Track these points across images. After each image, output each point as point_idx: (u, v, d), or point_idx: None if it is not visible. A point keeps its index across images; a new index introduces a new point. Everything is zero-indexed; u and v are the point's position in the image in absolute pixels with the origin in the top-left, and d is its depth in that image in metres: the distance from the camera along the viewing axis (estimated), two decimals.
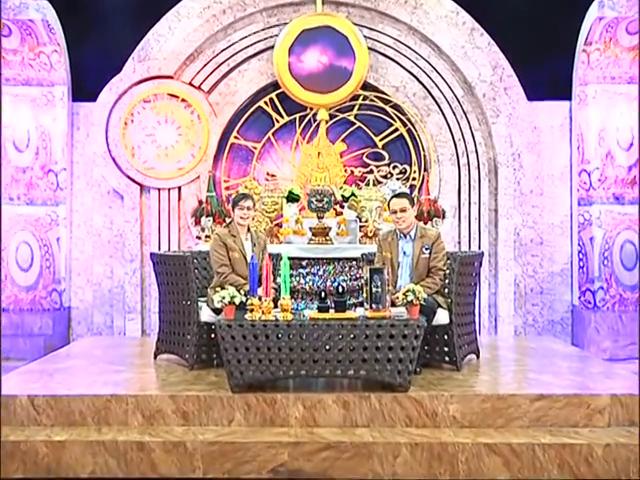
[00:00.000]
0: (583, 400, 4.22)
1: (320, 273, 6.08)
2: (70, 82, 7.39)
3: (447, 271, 5.07)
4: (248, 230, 5.23)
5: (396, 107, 7.43)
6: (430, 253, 4.97)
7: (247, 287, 4.72)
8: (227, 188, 7.45)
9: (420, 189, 7.28)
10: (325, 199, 6.26)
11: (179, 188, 7.36)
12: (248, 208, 5.15)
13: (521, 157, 7.29)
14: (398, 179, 7.26)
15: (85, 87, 7.36)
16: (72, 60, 7.34)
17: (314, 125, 7.41)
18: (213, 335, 5.12)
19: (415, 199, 6.51)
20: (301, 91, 7.21)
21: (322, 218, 6.32)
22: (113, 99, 7.25)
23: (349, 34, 7.17)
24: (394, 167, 7.47)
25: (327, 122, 7.36)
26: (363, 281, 4.50)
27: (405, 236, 5.05)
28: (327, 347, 4.27)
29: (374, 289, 4.34)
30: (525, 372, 4.98)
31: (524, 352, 5.97)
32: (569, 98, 7.39)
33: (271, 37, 7.31)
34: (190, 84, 7.33)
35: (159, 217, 7.32)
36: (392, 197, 5.15)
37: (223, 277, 5.00)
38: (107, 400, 4.23)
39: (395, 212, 4.99)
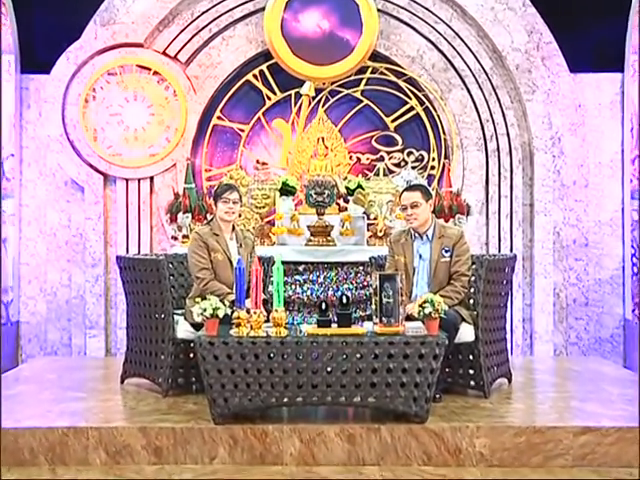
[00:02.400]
0: (637, 434, 4.22)
1: (320, 280, 6.08)
2: (18, 50, 7.39)
3: (472, 278, 5.07)
4: (233, 228, 5.24)
5: (411, 82, 7.44)
6: (451, 256, 4.98)
7: (232, 297, 4.73)
8: (209, 178, 7.46)
9: (440, 180, 7.29)
10: (326, 192, 6.26)
11: (151, 178, 7.37)
12: (234, 202, 5.17)
13: (562, 141, 7.29)
14: (414, 168, 7.27)
15: (36, 56, 7.37)
16: (20, 23, 7.34)
17: (313, 103, 7.42)
18: (192, 355, 5.12)
19: (434, 192, 6.53)
20: (292, 58, 7.20)
21: (323, 215, 6.32)
22: (71, 71, 7.25)
23: (362, 2, 7.17)
24: (409, 153, 7.47)
25: (318, 99, 7.35)
26: (372, 290, 4.49)
27: (421, 236, 5.06)
28: (328, 369, 4.27)
29: (385, 300, 4.34)
30: (567, 400, 4.98)
31: (566, 376, 5.97)
32: (621, 69, 7.39)
33: None
34: (164, 54, 7.34)
35: (127, 213, 7.32)
36: (403, 190, 5.19)
37: (203, 284, 5.01)
38: (63, 434, 4.23)
39: (405, 208, 5.02)
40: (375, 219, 6.49)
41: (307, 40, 7.25)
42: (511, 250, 7.23)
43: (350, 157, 7.34)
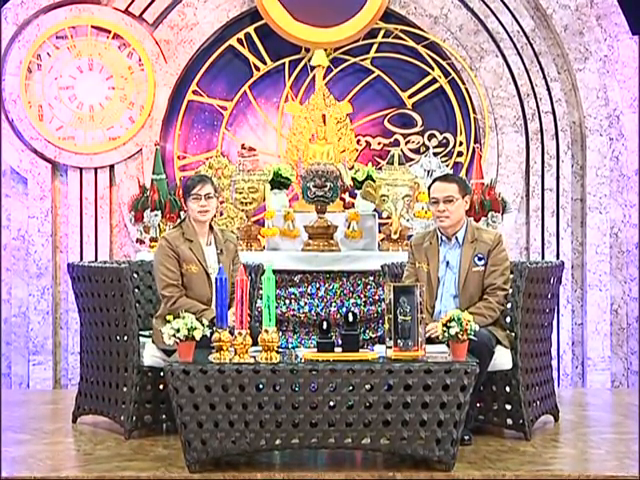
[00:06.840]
0: None
1: (321, 294, 6.09)
2: None
3: (510, 291, 5.08)
4: (211, 229, 5.25)
5: (433, 47, 7.44)
6: (485, 265, 5.00)
7: (210, 313, 4.74)
8: (183, 168, 7.47)
9: (469, 169, 7.29)
10: (328, 184, 6.27)
11: (111, 167, 7.37)
12: (207, 196, 5.17)
13: (621, 120, 7.29)
14: (436, 155, 7.26)
15: None
16: None
17: (311, 74, 7.42)
18: (162, 386, 5.13)
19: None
20: (292, 23, 7.21)
21: (324, 213, 6.33)
22: (9, 33, 7.25)
23: None
24: (430, 137, 7.48)
25: (325, 69, 7.35)
26: (384, 306, 4.50)
27: (449, 239, 5.07)
28: (331, 404, 4.28)
29: (400, 318, 4.35)
30: (629, 443, 4.98)
31: (627, 413, 5.97)
32: None
33: None
34: (127, 12, 7.34)
35: (81, 211, 7.32)
36: (435, 179, 5.19)
37: (171, 303, 5.03)
38: None
39: (437, 202, 5.02)
40: (388, 218, 6.49)
41: None
42: (557, 256, 7.23)
43: (358, 141, 7.33)
